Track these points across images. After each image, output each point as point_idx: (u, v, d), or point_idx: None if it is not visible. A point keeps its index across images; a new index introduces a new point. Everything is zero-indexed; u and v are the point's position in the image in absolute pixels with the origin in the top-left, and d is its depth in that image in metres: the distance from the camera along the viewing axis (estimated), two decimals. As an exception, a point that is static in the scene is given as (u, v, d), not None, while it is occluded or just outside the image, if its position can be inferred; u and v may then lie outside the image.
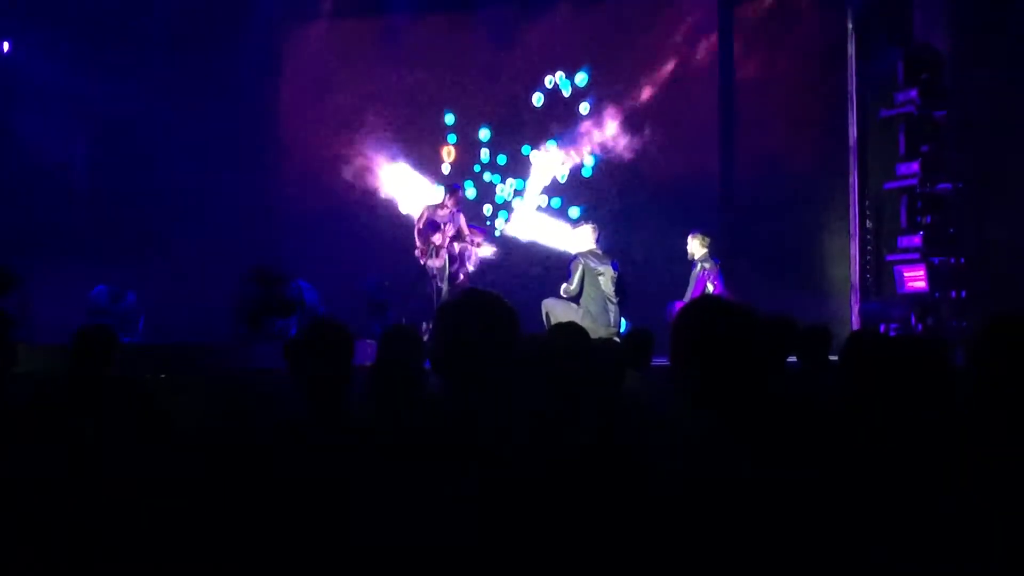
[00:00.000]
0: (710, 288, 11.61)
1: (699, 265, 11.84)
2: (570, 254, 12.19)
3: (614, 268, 11.67)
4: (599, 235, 11.88)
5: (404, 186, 14.65)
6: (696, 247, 12.01)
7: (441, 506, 2.70)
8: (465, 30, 15.24)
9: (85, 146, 14.39)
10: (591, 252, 11.71)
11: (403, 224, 13.44)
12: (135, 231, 13.81)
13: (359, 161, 14.72)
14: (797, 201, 13.77)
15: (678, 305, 11.54)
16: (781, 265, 13.38)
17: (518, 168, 14.92)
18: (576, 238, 11.94)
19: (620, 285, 11.67)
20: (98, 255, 13.75)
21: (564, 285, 11.63)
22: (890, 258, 12.86)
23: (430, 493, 2.73)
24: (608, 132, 14.58)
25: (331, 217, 14.54)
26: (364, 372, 4.24)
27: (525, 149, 14.88)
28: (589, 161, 14.81)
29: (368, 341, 9.20)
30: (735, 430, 2.68)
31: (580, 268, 11.58)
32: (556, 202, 14.81)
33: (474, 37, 15.18)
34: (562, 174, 14.79)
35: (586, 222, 12.03)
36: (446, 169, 14.98)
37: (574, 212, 14.48)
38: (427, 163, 14.97)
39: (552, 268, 12.94)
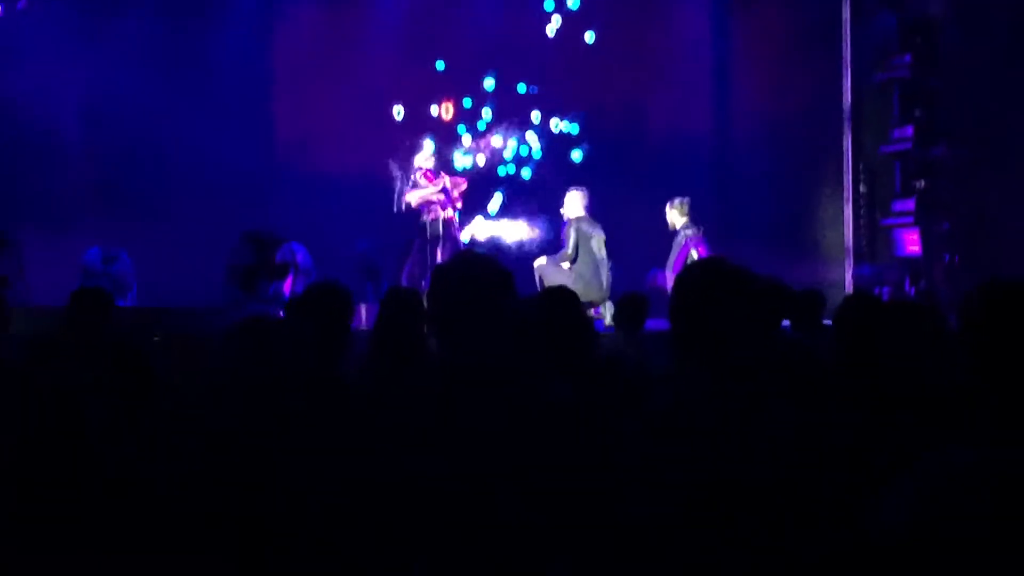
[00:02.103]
0: (694, 255, 11.55)
1: (681, 233, 11.76)
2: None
3: (601, 232, 11.72)
4: (588, 201, 11.87)
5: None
6: (675, 216, 11.91)
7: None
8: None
9: (78, 110, 14.31)
10: (581, 218, 11.72)
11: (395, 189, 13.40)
12: (128, 195, 13.77)
13: (352, 123, 14.66)
14: (791, 165, 13.77)
15: (659, 275, 11.57)
16: (775, 230, 13.39)
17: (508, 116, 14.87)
18: (567, 204, 11.92)
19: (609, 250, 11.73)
20: (92, 218, 13.73)
21: (561, 251, 11.65)
22: (884, 222, 12.88)
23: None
24: (597, 94, 14.53)
25: (325, 180, 14.51)
26: (359, 335, 4.27)
27: (521, 87, 14.78)
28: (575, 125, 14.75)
29: (361, 305, 9.21)
30: (727, 388, 2.70)
31: (574, 233, 11.59)
32: (538, 153, 14.77)
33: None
34: (555, 122, 14.68)
35: (577, 188, 12.00)
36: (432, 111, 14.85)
37: (576, 155, 14.46)
38: (423, 119, 14.89)
39: (543, 233, 12.94)
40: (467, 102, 14.81)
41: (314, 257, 12.41)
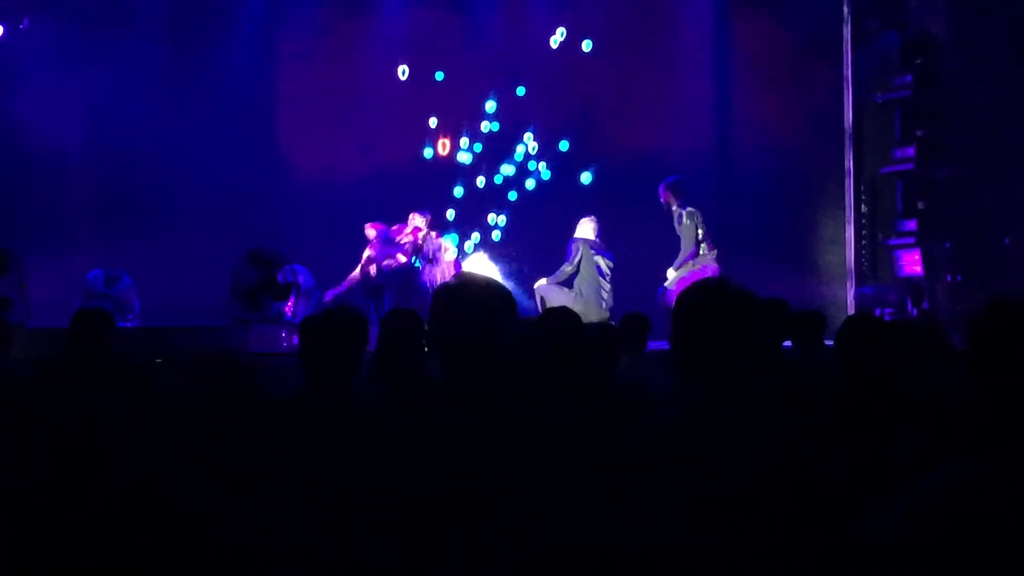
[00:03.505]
0: (700, 234, 11.58)
1: (685, 216, 11.70)
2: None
3: (609, 258, 11.78)
4: (599, 229, 11.95)
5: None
6: (670, 197, 11.96)
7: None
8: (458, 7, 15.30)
9: (81, 129, 14.34)
10: (589, 240, 11.80)
11: (400, 207, 13.40)
12: (131, 214, 13.80)
13: (356, 142, 14.69)
14: (793, 185, 13.77)
15: (668, 293, 11.56)
16: (776, 249, 13.37)
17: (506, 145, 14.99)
18: (579, 228, 12.00)
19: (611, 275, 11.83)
20: (94, 237, 13.75)
21: (563, 266, 11.73)
22: (887, 242, 12.88)
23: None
24: (598, 114, 14.59)
25: (328, 198, 14.52)
26: (367, 355, 4.29)
27: (520, 90, 14.92)
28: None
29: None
30: (726, 405, 2.71)
31: (580, 250, 11.68)
32: (546, 174, 14.89)
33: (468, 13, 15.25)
34: (563, 143, 14.82)
35: (589, 216, 12.07)
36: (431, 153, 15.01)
37: (586, 177, 14.55)
38: (423, 140, 14.99)
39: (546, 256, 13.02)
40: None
41: (316, 276, 12.41)
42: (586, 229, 11.94)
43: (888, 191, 13.14)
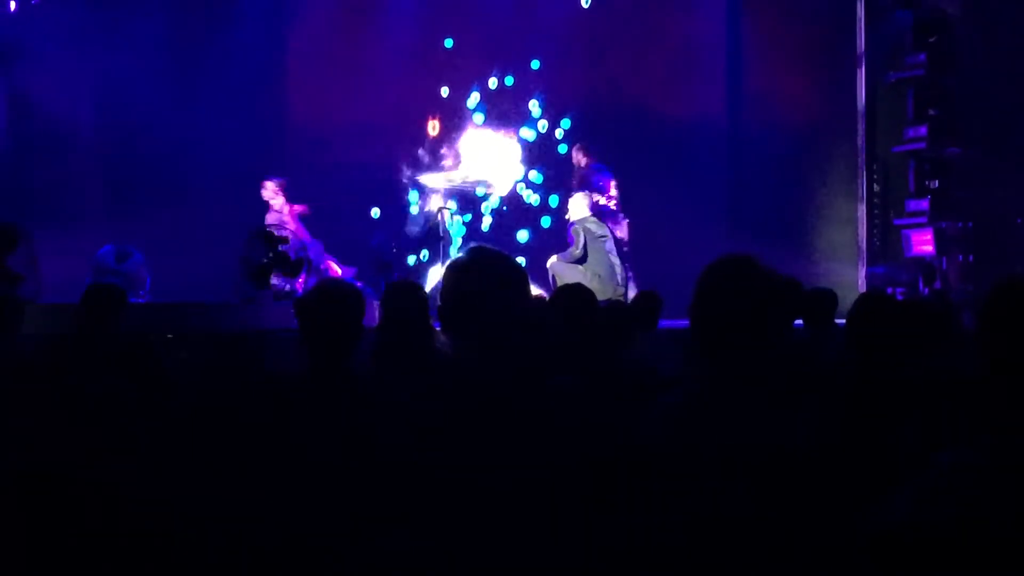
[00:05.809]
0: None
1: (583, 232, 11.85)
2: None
3: (612, 234, 11.79)
4: (592, 203, 11.92)
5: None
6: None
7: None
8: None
9: (92, 104, 14.32)
10: (587, 218, 11.77)
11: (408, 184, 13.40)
12: (141, 190, 13.77)
13: (366, 117, 14.65)
14: (805, 164, 13.74)
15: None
16: (788, 228, 13.35)
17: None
18: (572, 207, 11.96)
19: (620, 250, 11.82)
20: (104, 214, 13.75)
21: (570, 250, 11.69)
22: (898, 222, 12.85)
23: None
24: (612, 92, 14.52)
25: (338, 175, 14.48)
26: (371, 332, 4.25)
27: (535, 63, 14.87)
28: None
29: (374, 302, 9.25)
30: (732, 388, 2.70)
31: (582, 233, 11.63)
32: (563, 148, 14.84)
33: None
34: (565, 120, 14.75)
35: (581, 192, 12.05)
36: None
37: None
38: (435, 115, 14.96)
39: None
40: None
41: (327, 253, 12.42)
42: (580, 207, 11.89)
43: (900, 170, 13.12)
